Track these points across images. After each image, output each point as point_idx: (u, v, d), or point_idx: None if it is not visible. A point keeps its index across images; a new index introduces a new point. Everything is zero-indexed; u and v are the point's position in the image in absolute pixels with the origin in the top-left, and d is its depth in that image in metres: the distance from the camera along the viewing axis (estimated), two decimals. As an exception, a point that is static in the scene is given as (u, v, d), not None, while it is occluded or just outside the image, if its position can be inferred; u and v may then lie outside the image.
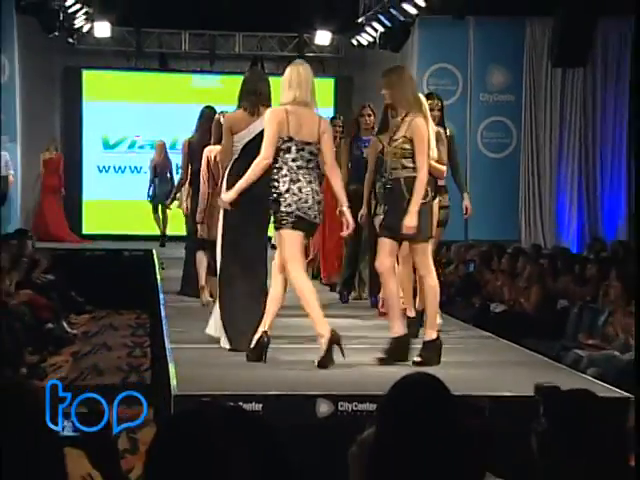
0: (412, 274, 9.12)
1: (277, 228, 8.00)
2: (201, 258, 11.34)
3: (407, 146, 7.97)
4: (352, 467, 3.60)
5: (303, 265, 8.20)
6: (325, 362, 7.65)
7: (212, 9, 18.57)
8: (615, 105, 19.47)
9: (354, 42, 19.70)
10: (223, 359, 8.13)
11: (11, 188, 18.68)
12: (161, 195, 18.32)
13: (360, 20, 18.71)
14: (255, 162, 7.93)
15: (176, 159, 18.36)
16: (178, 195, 12.69)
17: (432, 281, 8.11)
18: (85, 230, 20.40)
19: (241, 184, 8.01)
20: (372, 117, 11.24)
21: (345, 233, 8.48)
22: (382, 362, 7.88)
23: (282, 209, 7.85)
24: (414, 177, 7.90)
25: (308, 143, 7.94)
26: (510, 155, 19.52)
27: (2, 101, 18.68)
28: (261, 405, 6.58)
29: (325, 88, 20.23)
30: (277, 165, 7.90)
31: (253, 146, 8.19)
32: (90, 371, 12.59)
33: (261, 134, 8.05)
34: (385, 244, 8.09)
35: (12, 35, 18.75)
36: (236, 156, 8.46)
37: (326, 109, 18.78)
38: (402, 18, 17.44)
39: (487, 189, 18.35)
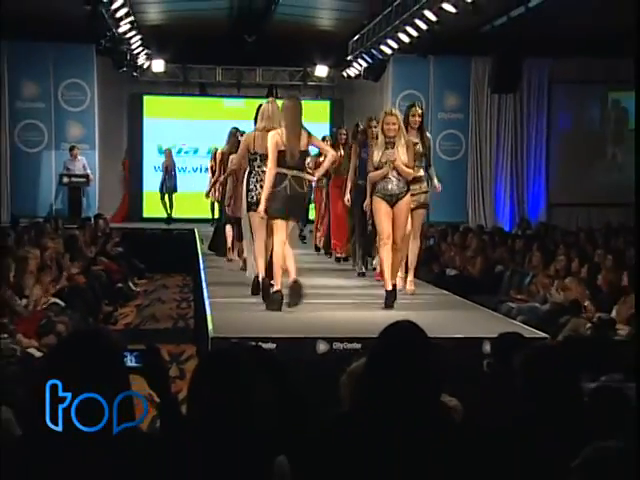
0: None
1: (247, 211, 8.61)
2: (229, 230, 11.78)
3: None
4: (343, 391, 3.60)
5: (264, 234, 8.47)
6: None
7: (239, 50, 18.56)
8: (537, 120, 19.48)
9: (345, 74, 19.59)
10: (247, 309, 8.12)
11: (91, 184, 18.62)
12: (168, 187, 18.99)
13: (349, 57, 18.61)
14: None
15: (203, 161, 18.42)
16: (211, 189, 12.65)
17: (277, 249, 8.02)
18: (145, 214, 20.30)
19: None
20: (376, 128, 10.86)
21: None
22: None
23: (248, 200, 8.51)
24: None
25: None
26: (460, 158, 19.45)
27: (85, 119, 18.79)
28: (275, 344, 6.57)
29: (322, 109, 20.19)
30: (249, 170, 8.56)
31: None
32: (149, 319, 12.61)
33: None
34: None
35: (93, 71, 18.79)
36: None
37: (323, 125, 18.77)
38: (380, 56, 17.37)
39: (443, 184, 17.97)
